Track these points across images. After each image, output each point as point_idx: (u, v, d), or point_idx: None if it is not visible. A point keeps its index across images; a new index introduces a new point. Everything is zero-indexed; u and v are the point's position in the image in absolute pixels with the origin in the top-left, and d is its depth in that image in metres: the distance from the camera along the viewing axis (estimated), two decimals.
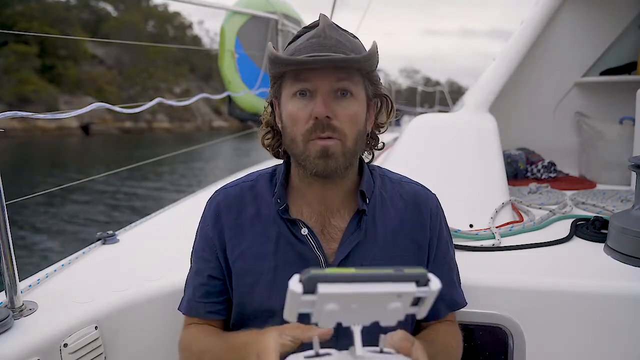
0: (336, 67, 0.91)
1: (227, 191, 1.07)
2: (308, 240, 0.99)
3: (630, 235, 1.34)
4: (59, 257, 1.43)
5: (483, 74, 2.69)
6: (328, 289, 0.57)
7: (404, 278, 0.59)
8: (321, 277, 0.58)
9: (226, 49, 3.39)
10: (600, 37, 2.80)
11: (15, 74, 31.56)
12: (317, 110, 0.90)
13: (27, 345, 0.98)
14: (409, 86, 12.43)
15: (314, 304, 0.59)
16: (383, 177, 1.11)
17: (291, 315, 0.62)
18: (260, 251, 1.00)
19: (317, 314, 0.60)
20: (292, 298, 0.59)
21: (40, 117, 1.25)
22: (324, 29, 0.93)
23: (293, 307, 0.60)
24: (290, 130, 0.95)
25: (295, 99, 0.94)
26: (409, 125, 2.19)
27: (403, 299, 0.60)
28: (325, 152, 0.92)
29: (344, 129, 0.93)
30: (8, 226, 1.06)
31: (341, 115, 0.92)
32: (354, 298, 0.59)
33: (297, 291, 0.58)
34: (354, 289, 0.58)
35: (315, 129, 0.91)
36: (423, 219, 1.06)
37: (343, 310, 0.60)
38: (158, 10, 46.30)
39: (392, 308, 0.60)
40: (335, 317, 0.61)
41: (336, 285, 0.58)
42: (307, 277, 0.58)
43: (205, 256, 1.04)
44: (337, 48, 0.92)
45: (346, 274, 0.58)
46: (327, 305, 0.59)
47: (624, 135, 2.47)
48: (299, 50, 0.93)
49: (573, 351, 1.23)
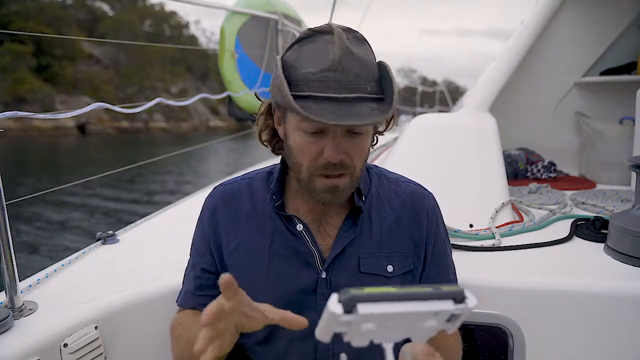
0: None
1: (224, 188, 1.09)
2: (303, 236, 1.00)
3: (630, 235, 1.34)
4: (59, 258, 1.43)
5: (483, 74, 2.69)
6: (368, 309, 0.55)
7: (442, 296, 0.58)
8: (362, 297, 0.56)
9: (226, 49, 3.39)
10: (600, 37, 2.80)
11: (11, 73, 31.40)
12: (330, 156, 0.88)
13: (27, 345, 0.98)
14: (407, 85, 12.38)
15: (351, 324, 0.57)
16: (380, 175, 1.11)
17: (326, 335, 0.60)
18: (256, 245, 1.01)
19: (351, 333, 0.59)
20: (331, 319, 0.57)
21: (40, 117, 1.25)
22: (340, 61, 0.84)
23: (329, 328, 0.58)
24: (297, 159, 0.94)
25: (303, 132, 0.90)
26: (409, 125, 2.20)
27: (439, 317, 0.59)
28: (334, 188, 0.93)
29: (354, 164, 0.93)
30: (8, 226, 1.06)
31: (352, 153, 0.91)
32: (392, 317, 0.57)
33: (337, 312, 0.55)
34: (393, 309, 0.56)
35: (326, 168, 0.91)
36: (419, 218, 1.06)
37: (378, 329, 0.58)
38: (154, 9, 46.24)
39: (427, 326, 0.60)
40: (369, 336, 0.60)
41: (376, 305, 0.56)
42: (347, 297, 0.56)
43: (200, 250, 1.05)
44: (355, 85, 0.85)
45: (386, 294, 0.57)
46: (364, 325, 0.57)
47: (624, 135, 2.47)
48: (312, 83, 0.84)
49: (573, 351, 1.23)
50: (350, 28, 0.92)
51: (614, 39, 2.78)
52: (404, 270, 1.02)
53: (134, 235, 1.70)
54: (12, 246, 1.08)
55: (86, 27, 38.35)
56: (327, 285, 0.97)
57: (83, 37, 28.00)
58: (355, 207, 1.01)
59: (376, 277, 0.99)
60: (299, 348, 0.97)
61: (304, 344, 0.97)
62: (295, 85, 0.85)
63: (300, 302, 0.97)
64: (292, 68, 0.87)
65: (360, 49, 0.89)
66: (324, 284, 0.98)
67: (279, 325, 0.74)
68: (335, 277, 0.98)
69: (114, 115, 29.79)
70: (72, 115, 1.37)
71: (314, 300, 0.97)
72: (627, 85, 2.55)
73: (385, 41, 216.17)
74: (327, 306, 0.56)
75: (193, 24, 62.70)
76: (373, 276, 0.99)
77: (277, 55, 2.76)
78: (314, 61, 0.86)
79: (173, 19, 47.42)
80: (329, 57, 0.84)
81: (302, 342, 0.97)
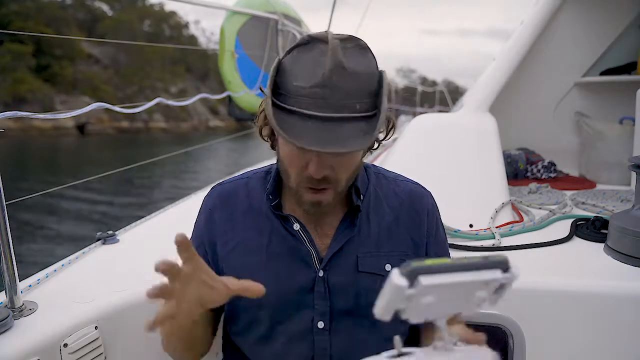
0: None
1: (222, 187, 1.09)
2: (300, 235, 1.00)
3: (630, 235, 1.34)
4: (58, 258, 1.43)
5: (483, 74, 2.69)
6: (430, 281, 0.56)
7: (492, 265, 0.60)
8: (423, 269, 0.56)
9: (226, 49, 3.39)
10: (600, 37, 2.80)
11: (11, 73, 31.34)
12: (313, 172, 0.87)
13: (27, 345, 0.98)
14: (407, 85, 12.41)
15: (412, 298, 0.57)
16: (378, 174, 1.11)
17: (387, 313, 0.60)
18: (253, 245, 1.01)
19: (411, 309, 0.59)
20: (395, 293, 0.57)
21: (40, 117, 1.25)
22: (330, 77, 0.81)
23: (392, 304, 0.59)
24: (285, 168, 0.95)
25: (290, 147, 0.88)
26: (409, 125, 2.20)
27: (488, 287, 0.61)
28: (318, 203, 0.93)
29: (339, 179, 0.91)
30: (8, 226, 1.06)
31: (338, 169, 0.90)
32: (449, 288, 0.58)
33: (402, 285, 0.56)
34: (452, 279, 0.57)
35: (310, 181, 0.90)
36: (419, 217, 1.06)
37: (436, 302, 0.59)
38: (154, 9, 46.22)
39: (477, 297, 0.61)
40: (427, 311, 0.60)
41: (436, 276, 0.57)
42: (409, 270, 0.56)
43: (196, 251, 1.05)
44: (344, 104, 0.82)
45: (445, 264, 0.58)
46: (425, 298, 0.58)
47: (624, 135, 2.47)
48: (300, 98, 0.83)
49: (573, 351, 1.23)
50: (353, 36, 0.89)
51: (614, 39, 2.78)
52: None
53: (134, 235, 1.70)
54: (12, 246, 1.08)
55: (86, 27, 38.32)
56: (325, 284, 0.97)
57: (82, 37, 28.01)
58: (353, 206, 1.01)
59: (374, 276, 0.98)
60: (297, 347, 0.97)
61: (302, 343, 0.97)
62: (285, 96, 0.84)
63: (298, 301, 0.97)
64: (286, 77, 0.85)
65: (357, 60, 0.85)
66: (322, 283, 0.97)
67: (241, 295, 0.76)
68: (333, 276, 0.98)
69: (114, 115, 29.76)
70: (73, 115, 1.37)
71: (311, 299, 0.97)
72: (627, 85, 2.55)
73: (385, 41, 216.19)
74: (389, 281, 0.56)
75: (193, 24, 62.69)
76: (371, 275, 0.99)
77: (277, 55, 2.76)
78: (306, 74, 0.83)
79: (173, 19, 47.45)
80: (320, 72, 0.82)
81: (300, 341, 0.97)
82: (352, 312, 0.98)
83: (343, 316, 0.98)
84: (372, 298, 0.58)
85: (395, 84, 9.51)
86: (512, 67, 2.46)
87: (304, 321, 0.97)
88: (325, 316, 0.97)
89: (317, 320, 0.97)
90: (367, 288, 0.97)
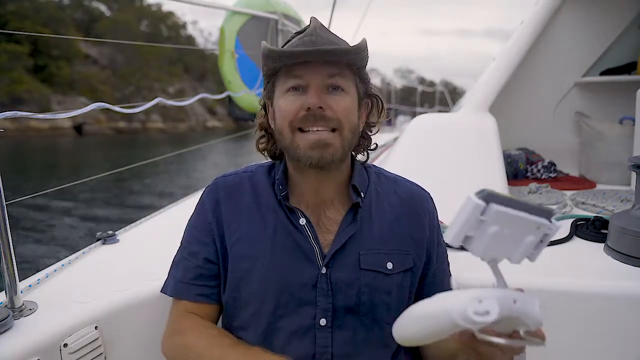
0: (328, 62, 0.94)
1: (226, 179, 1.09)
2: (305, 230, 1.00)
3: (630, 235, 1.34)
4: (57, 258, 1.43)
5: (483, 74, 2.69)
6: (500, 209, 0.61)
7: (543, 213, 0.64)
8: (496, 197, 0.62)
9: (226, 49, 3.39)
10: (600, 37, 2.81)
11: (7, 73, 31.26)
12: (309, 101, 0.92)
13: (27, 345, 0.98)
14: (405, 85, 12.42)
15: (481, 224, 0.62)
16: (379, 174, 1.13)
17: (458, 237, 0.63)
18: (258, 237, 1.01)
19: (477, 238, 0.63)
20: (471, 212, 0.62)
21: (40, 117, 1.25)
22: (314, 29, 0.97)
23: (467, 226, 0.62)
24: (279, 123, 0.98)
25: (288, 94, 0.96)
26: (409, 125, 2.20)
27: (537, 232, 0.64)
28: (321, 143, 0.94)
29: (339, 118, 0.95)
30: (8, 226, 1.06)
31: (334, 106, 0.94)
32: (512, 222, 0.62)
33: (480, 203, 0.61)
34: (517, 213, 0.62)
35: (306, 119, 0.93)
36: (421, 219, 1.07)
37: (497, 237, 0.62)
38: (152, 9, 46.23)
39: (527, 241, 0.64)
40: (488, 246, 0.63)
41: (505, 207, 0.62)
42: (485, 194, 0.61)
43: (202, 240, 1.04)
44: (329, 44, 0.95)
45: (512, 199, 0.63)
46: (491, 227, 0.61)
47: (624, 135, 2.47)
48: (292, 45, 0.97)
49: (573, 351, 1.23)
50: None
51: (614, 39, 2.79)
52: (403, 268, 1.02)
53: (134, 235, 1.70)
54: (12, 246, 1.08)
55: (83, 28, 38.28)
56: (327, 280, 0.98)
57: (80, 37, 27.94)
58: (354, 203, 1.02)
59: (376, 273, 0.99)
60: (298, 344, 0.97)
61: (303, 340, 0.97)
62: (280, 49, 0.96)
63: (300, 297, 0.97)
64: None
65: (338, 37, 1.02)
66: (324, 280, 0.98)
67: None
68: (335, 273, 0.98)
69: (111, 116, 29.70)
70: (72, 115, 1.37)
71: (313, 296, 0.97)
72: (627, 85, 2.55)
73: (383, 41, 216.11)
74: (468, 201, 0.62)
75: (190, 25, 62.63)
76: (373, 272, 0.99)
77: None
78: (293, 38, 1.01)
79: (170, 19, 47.48)
80: (305, 31, 0.99)
81: (302, 338, 0.97)
82: (353, 309, 0.98)
83: (345, 313, 0.98)
84: (374, 295, 0.58)
85: (393, 84, 9.56)
86: (512, 67, 2.46)
87: (306, 318, 0.97)
88: (327, 313, 0.97)
89: (320, 318, 0.97)
90: (369, 285, 0.98)
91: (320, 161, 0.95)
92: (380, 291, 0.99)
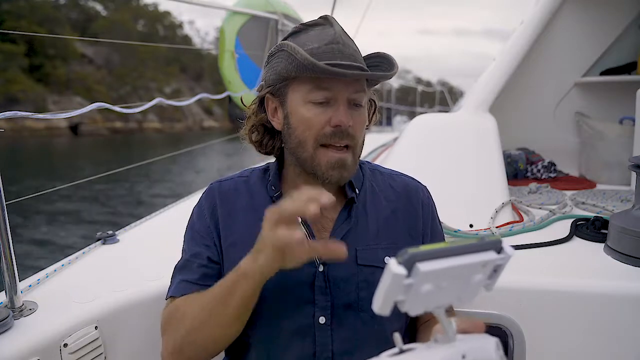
0: (356, 80, 0.95)
1: (221, 184, 1.10)
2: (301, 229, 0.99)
3: (630, 235, 1.34)
4: (56, 259, 1.43)
5: (483, 74, 2.69)
6: (428, 267, 0.54)
7: (487, 246, 0.59)
8: (420, 255, 0.54)
9: (226, 49, 3.39)
10: (600, 37, 2.80)
11: (2, 73, 31.14)
12: (341, 119, 0.93)
13: (27, 345, 0.98)
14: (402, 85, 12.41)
15: (411, 287, 0.55)
16: (373, 170, 1.14)
17: (386, 305, 0.57)
18: (253, 239, 1.00)
19: (410, 300, 0.56)
20: (394, 282, 0.54)
21: (39, 117, 1.25)
22: (340, 35, 0.95)
23: (392, 294, 0.56)
24: (301, 134, 0.97)
25: (311, 105, 0.95)
26: (409, 125, 2.20)
27: (484, 270, 0.60)
28: (341, 163, 0.96)
29: (357, 137, 0.97)
30: (8, 226, 1.06)
31: (356, 124, 0.96)
32: (447, 274, 0.56)
33: (401, 273, 0.53)
34: (449, 263, 0.56)
35: (333, 135, 0.95)
36: (415, 210, 1.08)
37: (434, 291, 0.57)
38: (148, 9, 46.14)
39: (475, 281, 0.60)
40: (426, 301, 0.58)
41: (433, 262, 0.55)
42: (406, 257, 0.54)
43: (204, 242, 1.05)
44: (355, 58, 0.95)
45: (440, 249, 0.56)
46: (423, 286, 0.56)
47: (624, 135, 2.47)
48: (319, 54, 0.92)
49: (573, 351, 1.23)
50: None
51: (614, 39, 2.78)
52: None
53: (134, 235, 1.70)
54: (12, 246, 1.08)
55: (79, 27, 38.18)
56: (325, 278, 0.98)
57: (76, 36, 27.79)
58: (349, 198, 1.03)
59: (374, 268, 0.99)
60: (298, 343, 0.97)
61: (303, 339, 0.97)
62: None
63: (298, 296, 0.97)
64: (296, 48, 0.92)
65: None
66: (322, 277, 0.98)
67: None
68: (333, 270, 0.98)
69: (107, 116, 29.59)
70: (72, 115, 1.37)
71: (311, 294, 0.98)
72: (627, 85, 2.55)
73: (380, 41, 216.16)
74: (387, 271, 0.54)
75: (187, 24, 62.50)
76: (371, 268, 0.99)
77: None
78: (316, 39, 0.95)
79: (167, 19, 47.45)
80: (330, 33, 0.95)
81: (301, 337, 0.97)
82: (352, 305, 0.98)
83: (344, 310, 0.98)
84: (372, 291, 0.58)
85: (390, 84, 9.55)
86: (512, 67, 2.46)
87: (305, 317, 0.97)
88: (326, 311, 0.97)
89: (319, 316, 0.97)
90: (367, 281, 0.98)
91: (339, 181, 0.98)
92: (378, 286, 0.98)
